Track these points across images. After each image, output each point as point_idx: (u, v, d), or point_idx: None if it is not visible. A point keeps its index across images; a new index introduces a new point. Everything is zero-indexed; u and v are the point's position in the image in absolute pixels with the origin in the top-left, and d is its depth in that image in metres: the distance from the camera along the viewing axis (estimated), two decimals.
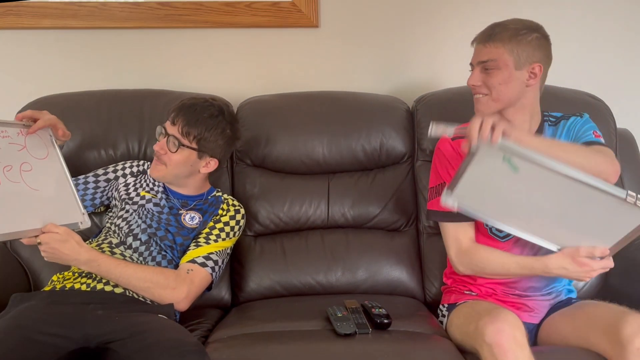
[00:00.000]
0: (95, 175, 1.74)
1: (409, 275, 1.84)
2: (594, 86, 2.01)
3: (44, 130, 1.50)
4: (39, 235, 1.36)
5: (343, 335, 1.38)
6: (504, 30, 1.47)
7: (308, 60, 2.15)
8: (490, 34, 1.48)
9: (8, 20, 2.06)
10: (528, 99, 1.51)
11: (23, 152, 1.42)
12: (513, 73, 1.46)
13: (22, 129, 1.44)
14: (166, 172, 1.63)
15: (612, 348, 1.29)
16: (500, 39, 1.46)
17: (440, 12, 2.14)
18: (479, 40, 1.51)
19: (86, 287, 1.48)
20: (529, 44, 1.46)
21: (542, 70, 1.49)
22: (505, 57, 1.46)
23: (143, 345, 1.25)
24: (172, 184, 1.70)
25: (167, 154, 1.61)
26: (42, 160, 1.45)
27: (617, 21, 2.14)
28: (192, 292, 1.53)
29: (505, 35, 1.46)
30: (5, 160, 1.35)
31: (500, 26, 1.49)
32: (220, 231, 1.66)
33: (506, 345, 1.23)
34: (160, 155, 1.61)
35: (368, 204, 1.89)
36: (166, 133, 1.61)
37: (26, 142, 1.43)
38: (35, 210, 1.37)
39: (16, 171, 1.36)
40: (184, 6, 2.07)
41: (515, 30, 1.46)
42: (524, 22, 1.50)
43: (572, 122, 1.57)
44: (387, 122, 1.92)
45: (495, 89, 1.48)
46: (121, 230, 1.62)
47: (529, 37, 1.46)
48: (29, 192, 1.37)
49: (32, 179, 1.39)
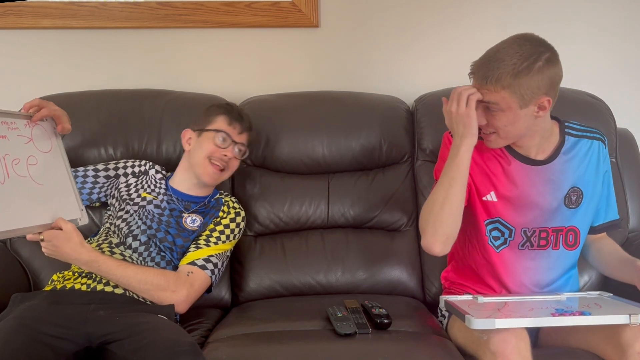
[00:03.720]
0: (95, 170, 1.73)
1: (408, 275, 1.84)
2: (594, 86, 2.01)
3: (49, 122, 1.49)
4: (42, 232, 1.36)
5: (343, 335, 1.38)
6: (502, 69, 1.33)
7: (308, 60, 2.15)
8: (486, 76, 1.35)
9: (8, 20, 2.06)
10: (539, 124, 1.44)
11: (30, 144, 1.40)
12: (518, 113, 1.37)
13: (29, 120, 1.43)
14: (222, 178, 1.70)
15: (612, 351, 1.30)
16: (499, 82, 1.34)
17: (440, 11, 2.13)
18: (477, 78, 1.39)
19: (86, 288, 1.48)
20: (532, 78, 1.33)
21: (551, 103, 1.39)
22: (508, 100, 1.35)
23: (139, 346, 1.25)
24: (181, 182, 1.72)
25: (232, 160, 1.68)
26: (47, 153, 1.44)
27: (618, 21, 2.14)
28: (192, 295, 1.54)
29: (504, 76, 1.33)
30: (13, 154, 1.33)
31: (497, 62, 1.34)
32: (221, 234, 1.66)
33: (510, 356, 1.23)
34: (227, 160, 1.66)
35: (368, 204, 1.89)
36: (232, 141, 1.66)
37: (32, 134, 1.42)
38: (40, 205, 1.37)
39: (23, 165, 1.35)
40: (184, 6, 2.07)
41: (514, 67, 1.32)
42: (523, 49, 1.34)
43: (598, 147, 1.53)
44: (387, 122, 1.92)
45: (502, 129, 1.42)
46: (121, 231, 1.62)
47: (532, 70, 1.33)
48: (34, 186, 1.36)
49: (37, 173, 1.38)
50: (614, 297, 1.47)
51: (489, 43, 2.11)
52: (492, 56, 1.37)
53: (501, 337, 1.25)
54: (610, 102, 1.94)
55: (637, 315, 1.24)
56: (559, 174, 1.49)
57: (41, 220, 1.35)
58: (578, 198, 1.50)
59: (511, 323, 1.24)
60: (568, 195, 1.50)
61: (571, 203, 1.50)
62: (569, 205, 1.50)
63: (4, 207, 1.26)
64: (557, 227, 1.50)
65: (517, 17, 2.12)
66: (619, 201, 1.84)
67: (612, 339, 1.29)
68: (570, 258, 1.54)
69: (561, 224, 1.50)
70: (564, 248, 1.51)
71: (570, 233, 1.51)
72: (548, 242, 1.50)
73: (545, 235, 1.50)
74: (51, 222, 1.38)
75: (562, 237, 1.51)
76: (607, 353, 1.32)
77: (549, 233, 1.50)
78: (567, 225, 1.51)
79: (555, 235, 1.50)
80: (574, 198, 1.50)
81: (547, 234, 1.50)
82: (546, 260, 1.51)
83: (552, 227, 1.50)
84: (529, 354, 1.25)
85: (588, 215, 1.53)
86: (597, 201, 1.54)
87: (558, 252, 1.51)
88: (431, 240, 1.44)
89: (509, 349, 1.23)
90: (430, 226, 1.43)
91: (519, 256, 1.51)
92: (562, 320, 1.26)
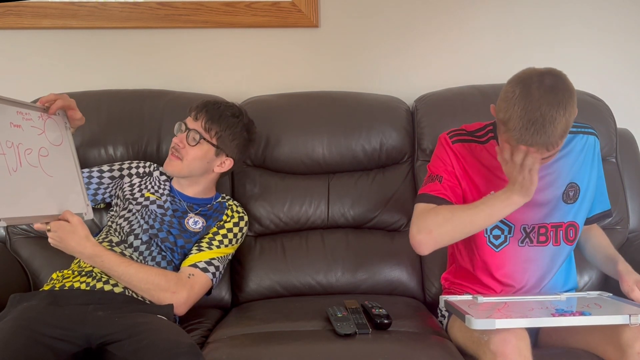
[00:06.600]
0: (100, 171, 1.74)
1: (409, 275, 1.84)
2: (594, 86, 2.01)
3: (61, 117, 1.51)
4: (49, 222, 1.37)
5: (343, 336, 1.38)
6: (559, 127, 1.28)
7: (308, 60, 2.15)
8: (548, 142, 1.29)
9: (8, 20, 2.06)
10: None
11: (42, 136, 1.42)
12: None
13: (43, 112, 1.45)
14: (182, 167, 1.64)
15: (612, 351, 1.30)
16: (562, 138, 1.31)
17: (441, 12, 2.13)
18: (537, 147, 1.31)
19: (85, 286, 1.48)
20: (573, 115, 1.31)
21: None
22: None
23: (138, 347, 1.25)
24: (182, 183, 1.71)
25: (185, 148, 1.63)
26: (57, 146, 1.46)
27: (618, 21, 2.14)
28: (192, 298, 1.54)
29: (562, 131, 1.29)
30: (26, 143, 1.35)
31: (551, 125, 1.27)
32: (224, 237, 1.66)
33: (511, 356, 1.23)
34: (178, 148, 1.63)
35: (368, 204, 1.89)
36: (187, 128, 1.64)
37: (45, 127, 1.44)
38: (49, 196, 1.37)
39: (35, 155, 1.36)
40: (184, 6, 2.07)
41: (566, 121, 1.28)
42: (559, 97, 1.28)
43: (594, 142, 1.54)
44: (387, 122, 1.92)
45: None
46: (122, 230, 1.63)
47: (574, 109, 1.31)
48: (44, 177, 1.37)
49: (48, 165, 1.39)
50: (614, 297, 1.47)
51: (489, 43, 2.13)
52: (540, 121, 1.28)
53: (501, 337, 1.25)
54: (610, 102, 1.95)
55: (637, 315, 1.24)
56: (557, 170, 1.50)
57: (49, 211, 1.37)
58: (575, 193, 1.51)
59: (511, 323, 1.24)
60: (566, 191, 1.50)
61: (569, 199, 1.51)
62: (567, 201, 1.51)
63: (15, 193, 1.27)
64: (556, 222, 1.51)
65: (517, 19, 2.13)
66: (619, 201, 1.86)
67: (612, 339, 1.29)
68: (569, 252, 1.55)
69: (560, 220, 1.51)
70: (565, 243, 1.52)
71: (571, 228, 1.52)
72: (548, 238, 1.51)
73: (545, 232, 1.50)
74: (58, 213, 1.38)
75: (562, 232, 1.51)
76: (607, 353, 1.32)
77: (548, 229, 1.50)
78: (567, 221, 1.51)
79: (555, 231, 1.51)
80: (572, 194, 1.51)
81: (546, 230, 1.50)
82: (547, 256, 1.51)
83: (551, 222, 1.51)
84: (530, 354, 1.25)
85: (585, 210, 1.54)
86: (592, 195, 1.55)
87: (559, 247, 1.52)
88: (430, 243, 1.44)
89: (510, 349, 1.23)
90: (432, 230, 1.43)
91: (520, 253, 1.51)
92: (562, 320, 1.26)
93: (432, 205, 1.46)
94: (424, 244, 1.44)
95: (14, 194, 1.27)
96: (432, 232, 1.43)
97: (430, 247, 1.44)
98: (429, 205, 1.46)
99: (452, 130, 1.55)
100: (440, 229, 1.43)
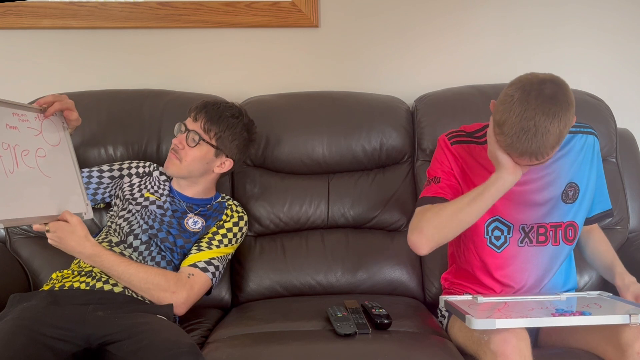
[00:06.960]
0: (100, 170, 1.74)
1: (409, 275, 1.84)
2: (594, 86, 2.01)
3: (58, 117, 1.51)
4: (48, 223, 1.37)
5: (343, 336, 1.38)
6: (551, 137, 1.28)
7: (308, 60, 2.15)
8: (538, 152, 1.30)
9: (8, 20, 2.06)
10: None
11: (39, 137, 1.42)
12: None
13: (39, 113, 1.45)
14: (180, 168, 1.64)
15: (612, 351, 1.30)
16: (553, 149, 1.31)
17: (441, 12, 2.13)
18: (527, 157, 1.33)
19: (85, 286, 1.48)
20: (568, 125, 1.30)
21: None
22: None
23: (138, 347, 1.25)
24: (181, 184, 1.71)
25: (184, 149, 1.63)
26: (55, 147, 1.46)
27: (618, 21, 2.14)
28: (192, 298, 1.54)
29: (554, 142, 1.29)
30: (23, 145, 1.35)
31: (544, 135, 1.27)
32: (223, 237, 1.66)
33: (511, 356, 1.23)
34: (177, 149, 1.63)
35: (368, 204, 1.89)
36: (186, 129, 1.64)
37: (42, 128, 1.44)
38: (48, 196, 1.38)
39: (32, 156, 1.36)
40: (184, 6, 2.07)
41: (560, 132, 1.28)
42: (553, 109, 1.27)
43: (593, 142, 1.54)
44: (387, 122, 1.92)
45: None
46: (122, 230, 1.63)
47: (571, 119, 1.30)
48: (42, 178, 1.38)
49: (46, 165, 1.39)
50: (614, 297, 1.47)
51: (489, 43, 2.13)
52: (532, 130, 1.27)
53: (502, 337, 1.25)
54: (610, 102, 1.95)
55: (637, 315, 1.24)
56: (556, 170, 1.50)
57: (48, 212, 1.37)
58: (575, 193, 1.51)
59: (511, 323, 1.24)
60: (565, 191, 1.50)
61: (568, 198, 1.51)
62: (566, 201, 1.51)
63: (13, 196, 1.27)
64: (555, 222, 1.51)
65: (517, 19, 2.13)
66: (619, 201, 1.86)
67: (612, 339, 1.29)
68: (568, 252, 1.55)
69: (559, 220, 1.51)
70: (564, 243, 1.52)
71: (570, 228, 1.52)
72: (547, 238, 1.51)
73: (544, 231, 1.50)
74: (57, 214, 1.39)
75: (561, 232, 1.51)
76: (607, 353, 1.32)
77: (547, 229, 1.51)
78: (566, 221, 1.51)
79: (554, 230, 1.51)
80: (571, 193, 1.51)
81: (545, 230, 1.50)
82: (546, 256, 1.51)
83: (550, 222, 1.51)
84: (530, 354, 1.25)
85: (584, 209, 1.54)
86: (591, 195, 1.55)
87: (558, 247, 1.52)
88: (423, 241, 1.43)
89: (510, 349, 1.23)
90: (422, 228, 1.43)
91: (519, 253, 1.51)
92: (562, 320, 1.26)
93: (428, 206, 1.46)
94: (418, 244, 1.44)
95: (11, 196, 1.27)
96: (422, 230, 1.43)
97: (425, 246, 1.43)
98: (426, 207, 1.47)
99: (451, 131, 1.55)
100: (430, 225, 1.42)
